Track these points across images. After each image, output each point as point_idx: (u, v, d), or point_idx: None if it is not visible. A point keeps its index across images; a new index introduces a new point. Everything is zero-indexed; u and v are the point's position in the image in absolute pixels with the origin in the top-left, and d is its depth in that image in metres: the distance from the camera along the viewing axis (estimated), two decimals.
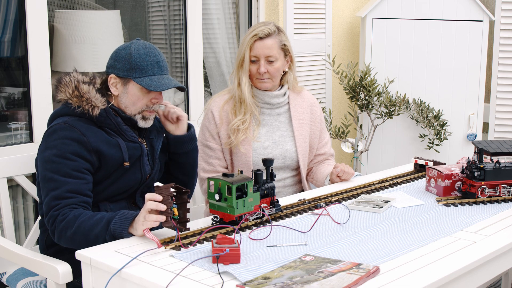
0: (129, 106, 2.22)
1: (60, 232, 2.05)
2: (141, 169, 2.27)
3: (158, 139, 2.36)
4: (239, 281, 1.62)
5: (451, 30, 4.11)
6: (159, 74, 2.19)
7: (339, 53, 4.42)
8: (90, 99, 2.14)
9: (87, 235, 2.01)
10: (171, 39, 3.96)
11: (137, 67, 2.17)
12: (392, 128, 4.23)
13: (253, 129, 2.69)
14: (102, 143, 2.15)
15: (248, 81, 2.67)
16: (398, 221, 2.16)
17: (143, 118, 2.23)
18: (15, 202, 3.01)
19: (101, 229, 1.99)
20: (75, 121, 2.14)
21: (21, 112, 3.12)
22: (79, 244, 2.01)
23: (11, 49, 3.18)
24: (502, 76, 4.17)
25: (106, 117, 2.17)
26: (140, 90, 2.19)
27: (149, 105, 2.22)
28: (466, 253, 1.86)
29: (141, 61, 2.17)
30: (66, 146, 2.10)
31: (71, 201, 2.08)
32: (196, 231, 2.00)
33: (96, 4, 3.72)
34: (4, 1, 3.08)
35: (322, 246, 1.90)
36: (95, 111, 2.14)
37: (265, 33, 2.64)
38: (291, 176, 2.80)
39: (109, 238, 1.98)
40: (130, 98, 2.20)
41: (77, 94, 2.15)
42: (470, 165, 2.38)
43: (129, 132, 2.23)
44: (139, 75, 2.17)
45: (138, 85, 2.17)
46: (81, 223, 2.01)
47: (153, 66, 2.18)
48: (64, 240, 2.06)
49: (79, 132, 2.12)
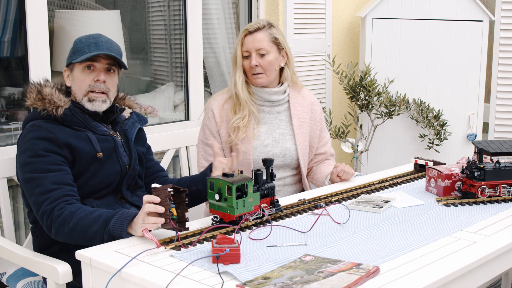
0: (76, 91, 2.25)
1: (58, 228, 2.05)
2: (119, 160, 2.28)
3: (133, 129, 2.38)
4: (239, 281, 1.62)
5: (451, 30, 4.10)
6: (95, 51, 2.21)
7: (339, 53, 4.42)
8: (52, 100, 2.19)
9: (85, 233, 2.01)
10: (171, 39, 3.96)
11: (76, 50, 2.23)
12: (392, 128, 4.23)
13: (253, 127, 2.70)
14: (71, 138, 2.18)
15: (242, 77, 2.68)
16: (398, 221, 2.16)
17: (89, 100, 2.24)
18: (15, 202, 3.01)
19: (99, 227, 1.99)
20: (41, 122, 2.19)
21: (21, 112, 3.12)
22: (77, 241, 2.03)
23: (11, 49, 3.18)
24: (502, 76, 4.17)
25: (72, 116, 2.21)
26: (82, 72, 2.23)
27: (92, 85, 2.23)
28: (466, 253, 1.86)
29: (79, 43, 2.23)
30: (37, 145, 2.14)
31: (59, 193, 2.09)
32: (196, 231, 2.00)
33: (96, 4, 3.72)
34: (4, 1, 3.08)
35: (322, 246, 1.90)
36: (59, 111, 2.18)
37: (254, 27, 2.68)
38: (291, 175, 2.81)
39: (107, 237, 1.98)
40: (76, 84, 2.25)
41: (40, 98, 2.20)
42: (470, 165, 2.38)
43: (99, 127, 2.27)
44: (77, 56, 2.21)
45: (80, 66, 2.22)
46: (79, 220, 2.02)
47: (90, 45, 2.21)
48: (61, 236, 2.07)
49: (46, 130, 2.16)
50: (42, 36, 2.90)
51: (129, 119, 2.39)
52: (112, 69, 2.27)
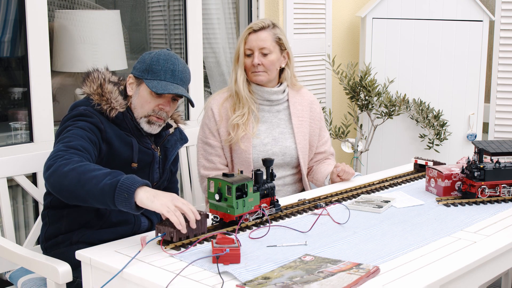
0: (137, 108, 2.22)
1: (57, 167, 1.89)
2: (150, 175, 2.27)
3: (174, 150, 2.36)
4: (239, 281, 1.62)
5: (451, 30, 4.10)
6: (170, 81, 2.18)
7: (339, 53, 4.42)
8: (110, 100, 2.16)
9: (83, 173, 1.84)
10: (171, 39, 3.96)
11: (151, 69, 2.18)
12: (392, 128, 4.23)
13: (252, 126, 2.70)
14: (116, 137, 2.16)
15: (244, 75, 2.69)
16: (398, 221, 2.16)
17: (148, 122, 2.22)
18: (15, 202, 3.01)
19: (103, 174, 1.84)
20: (94, 111, 2.15)
21: (21, 112, 3.12)
22: (69, 182, 1.85)
23: (11, 49, 3.18)
24: (502, 76, 4.17)
25: (123, 120, 2.19)
26: (150, 93, 2.19)
27: (155, 110, 2.21)
28: (466, 253, 1.86)
29: (157, 65, 2.18)
30: (85, 121, 2.10)
31: (81, 154, 1.98)
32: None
33: (96, 4, 3.72)
34: (4, 1, 3.08)
35: (322, 246, 1.90)
36: (113, 113, 2.16)
37: (259, 26, 2.68)
38: (292, 174, 2.81)
39: (108, 186, 1.81)
40: (139, 100, 2.21)
41: (100, 92, 2.17)
42: (470, 165, 2.38)
43: (143, 137, 2.25)
44: (150, 77, 2.18)
45: (147, 87, 2.17)
46: (84, 165, 1.89)
47: (167, 72, 2.18)
48: (56, 175, 1.88)
49: (99, 120, 2.13)
50: (42, 36, 2.90)
51: (172, 135, 2.37)
52: (177, 99, 2.26)
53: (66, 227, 2.21)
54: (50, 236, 2.24)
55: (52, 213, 2.24)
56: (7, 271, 2.42)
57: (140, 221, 2.28)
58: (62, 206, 2.21)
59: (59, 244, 2.20)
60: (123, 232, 2.21)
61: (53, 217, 2.24)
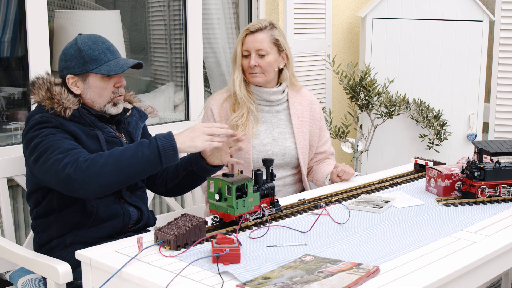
0: (96, 99, 2.22)
1: (88, 166, 1.97)
2: None
3: (137, 130, 2.37)
4: (239, 281, 1.62)
5: (451, 30, 4.11)
6: (113, 59, 2.21)
7: (339, 53, 4.42)
8: (61, 101, 2.16)
9: (117, 161, 1.98)
10: (171, 39, 3.96)
11: (91, 59, 2.18)
12: (392, 128, 4.23)
13: (252, 126, 2.70)
14: (80, 132, 2.16)
15: (241, 76, 2.69)
16: (398, 221, 2.16)
17: (114, 105, 2.25)
18: (15, 202, 3.01)
19: (134, 151, 2.00)
20: (50, 115, 2.15)
21: (21, 112, 3.12)
22: (111, 176, 1.98)
23: (11, 49, 3.18)
24: (502, 76, 4.17)
25: (80, 117, 2.19)
26: (101, 80, 2.20)
27: (114, 91, 2.23)
28: (466, 253, 1.86)
29: (92, 52, 2.18)
30: (46, 128, 2.10)
31: (80, 151, 2.04)
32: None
33: (96, 4, 3.72)
34: (4, 1, 3.08)
35: (322, 246, 1.90)
36: (67, 112, 2.15)
37: (256, 27, 2.68)
38: (292, 174, 2.81)
39: (153, 155, 1.99)
40: (94, 91, 2.21)
41: (49, 96, 2.17)
42: (470, 165, 2.38)
43: (106, 128, 2.25)
44: (95, 65, 2.18)
45: (98, 75, 2.18)
46: (112, 152, 2.02)
47: (105, 53, 2.20)
48: (92, 178, 1.98)
49: (58, 122, 2.13)
50: (42, 36, 2.90)
51: (131, 116, 2.37)
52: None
53: (57, 232, 2.21)
54: (44, 242, 2.24)
55: (41, 221, 2.24)
56: (7, 271, 2.41)
57: (128, 211, 2.26)
58: (48, 213, 2.21)
59: (53, 249, 2.19)
60: (115, 225, 2.22)
61: (43, 225, 2.24)
